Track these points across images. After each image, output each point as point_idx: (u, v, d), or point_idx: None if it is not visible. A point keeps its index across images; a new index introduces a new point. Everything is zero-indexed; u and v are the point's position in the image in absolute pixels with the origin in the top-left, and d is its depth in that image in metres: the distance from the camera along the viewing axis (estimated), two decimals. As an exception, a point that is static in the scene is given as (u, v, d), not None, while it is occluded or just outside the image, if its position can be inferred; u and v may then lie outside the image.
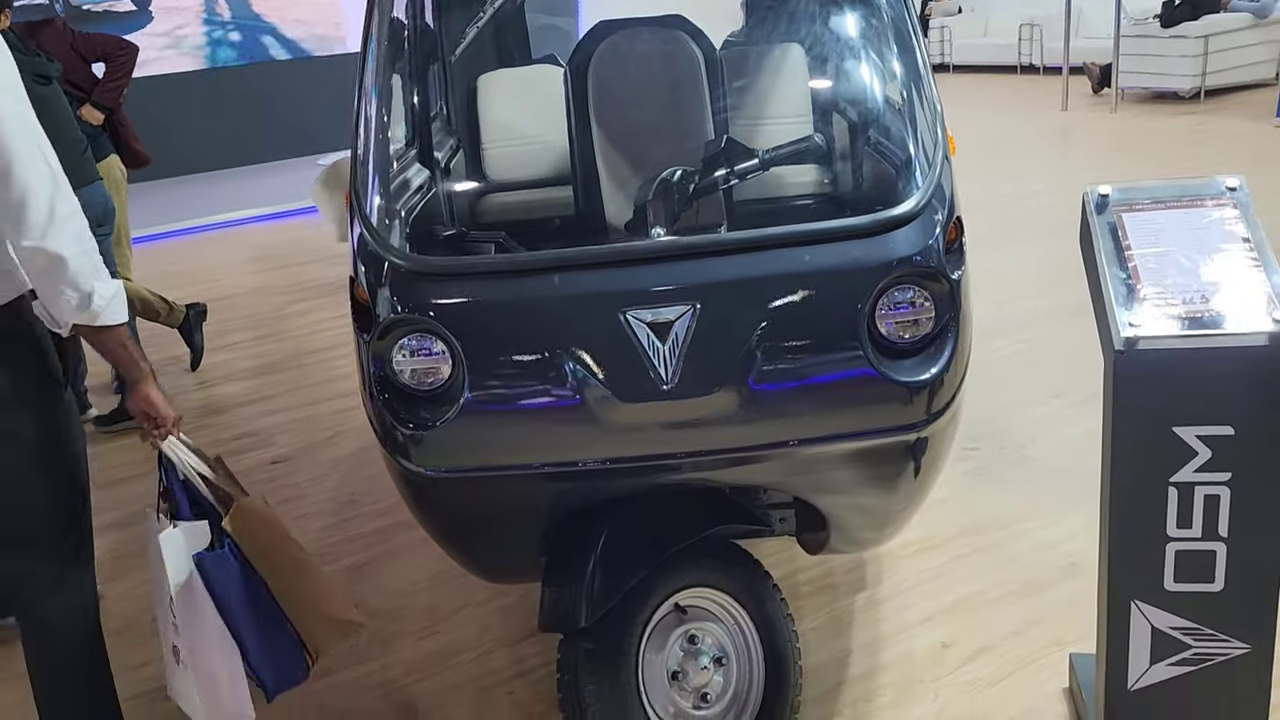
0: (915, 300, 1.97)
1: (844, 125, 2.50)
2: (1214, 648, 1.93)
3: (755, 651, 2.20)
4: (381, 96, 2.40)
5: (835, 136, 2.50)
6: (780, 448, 1.98)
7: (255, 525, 2.19)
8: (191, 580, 2.12)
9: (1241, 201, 1.93)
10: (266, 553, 2.19)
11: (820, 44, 2.72)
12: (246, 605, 2.14)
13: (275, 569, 2.19)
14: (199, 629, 2.12)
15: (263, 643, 2.16)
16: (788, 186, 2.50)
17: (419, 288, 1.98)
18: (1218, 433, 1.80)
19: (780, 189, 2.49)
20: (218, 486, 2.24)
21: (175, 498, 2.19)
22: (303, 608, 2.22)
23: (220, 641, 2.13)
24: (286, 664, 2.21)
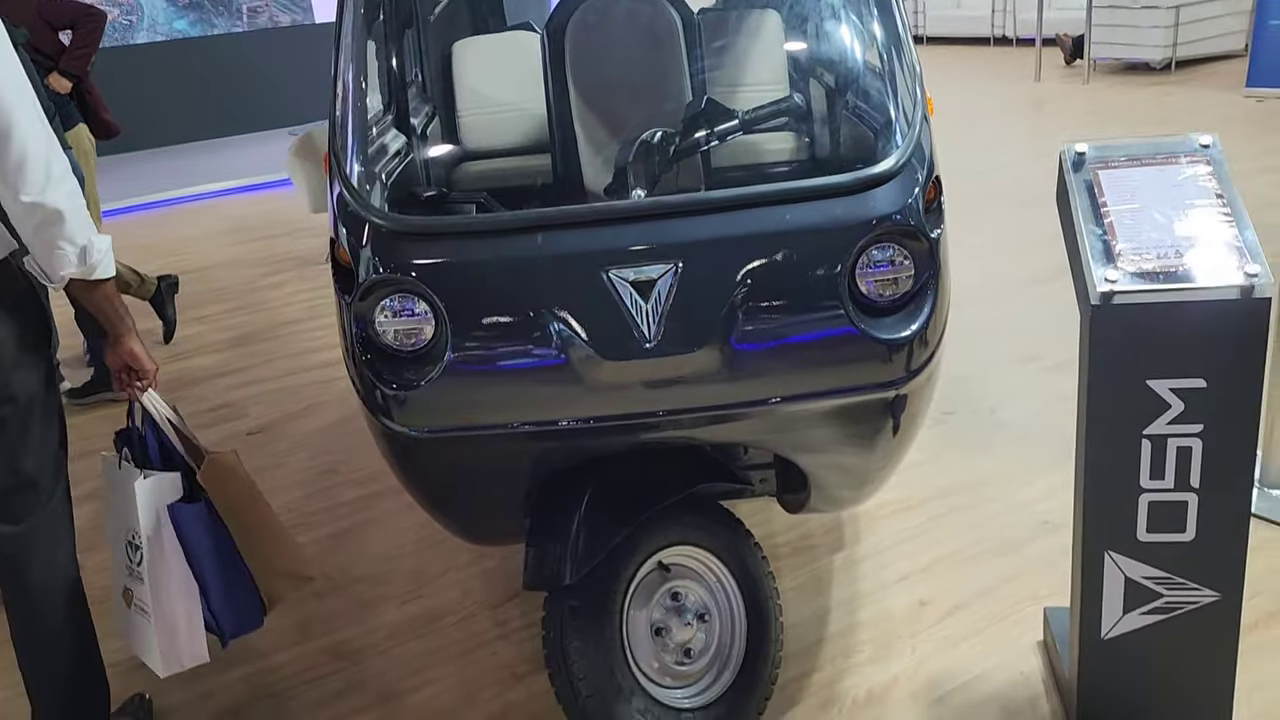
0: (895, 258, 1.99)
1: (824, 86, 2.51)
2: (1185, 596, 1.97)
3: (737, 608, 2.22)
4: (358, 59, 2.38)
5: (815, 97, 2.51)
6: (762, 405, 2.00)
7: (226, 478, 2.25)
8: (162, 529, 2.18)
9: (1215, 158, 1.96)
10: (234, 506, 2.25)
11: (800, 5, 2.72)
12: (213, 555, 2.22)
13: (241, 521, 2.26)
14: (163, 574, 2.19)
15: (225, 590, 2.25)
16: (769, 147, 2.51)
17: (401, 248, 1.98)
18: (1190, 385, 1.84)
19: (761, 150, 2.50)
20: (190, 439, 2.29)
21: (148, 448, 2.25)
22: (262, 559, 2.30)
23: (183, 587, 2.21)
24: (245, 612, 2.30)
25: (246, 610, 2.30)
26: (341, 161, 2.15)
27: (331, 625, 2.81)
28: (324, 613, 2.87)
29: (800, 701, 2.33)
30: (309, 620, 2.84)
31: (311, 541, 3.23)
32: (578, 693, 2.02)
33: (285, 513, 3.42)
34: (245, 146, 10.31)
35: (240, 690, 2.59)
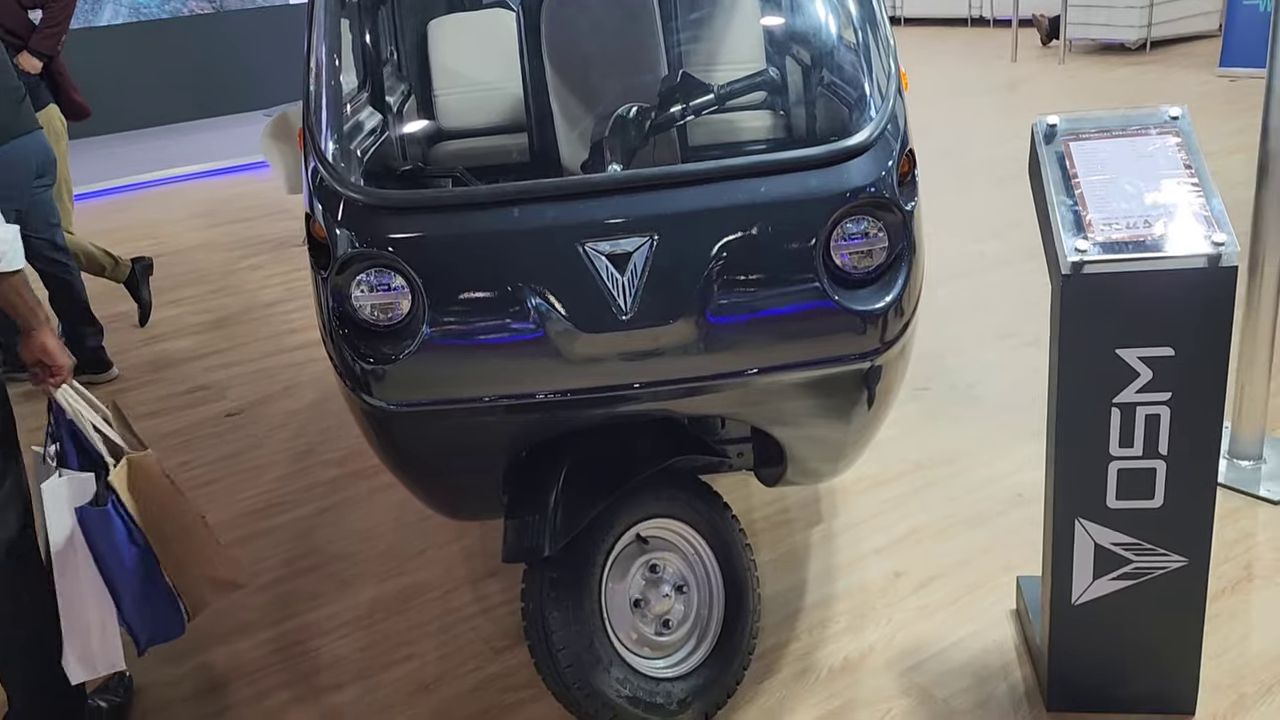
0: (869, 230, 2.01)
1: (799, 60, 2.52)
2: (1153, 562, 2.01)
3: (715, 580, 2.25)
4: (331, 36, 2.36)
5: (791, 71, 2.52)
6: (738, 377, 2.01)
7: (142, 480, 2.17)
8: (72, 533, 2.10)
9: (1184, 130, 1.99)
10: (151, 508, 2.18)
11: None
12: (125, 561, 2.13)
13: (159, 526, 2.19)
14: (74, 580, 2.11)
15: (139, 598, 2.16)
16: (745, 121, 2.51)
17: (376, 222, 1.98)
18: (1158, 354, 1.87)
19: (737, 123, 2.51)
20: (110, 439, 2.21)
21: (64, 447, 2.16)
22: (183, 566, 2.23)
23: (95, 594, 2.13)
24: (162, 619, 2.22)
25: (163, 618, 2.22)
26: (316, 137, 2.14)
27: (312, 603, 2.81)
28: (304, 590, 2.87)
29: (777, 671, 2.36)
30: (290, 598, 2.84)
31: (290, 521, 3.23)
32: (557, 663, 2.03)
33: (264, 493, 3.43)
34: (221, 129, 10.20)
35: (221, 668, 2.59)
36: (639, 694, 2.08)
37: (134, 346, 4.98)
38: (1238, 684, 2.19)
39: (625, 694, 2.06)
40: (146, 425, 4.06)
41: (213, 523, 3.24)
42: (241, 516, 3.30)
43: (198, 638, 2.70)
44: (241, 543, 3.14)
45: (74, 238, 4.85)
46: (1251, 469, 2.91)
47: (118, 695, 2.45)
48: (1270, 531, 2.68)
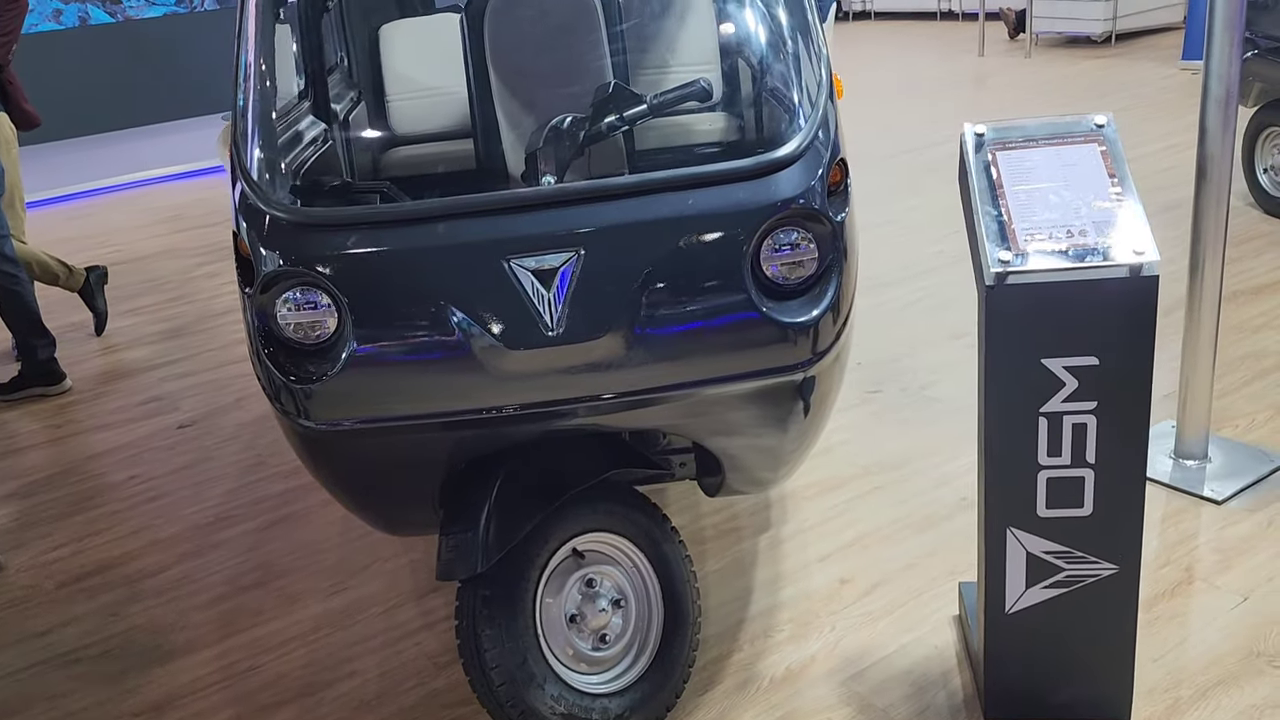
0: (799, 242, 2.00)
1: (732, 69, 2.50)
2: (1085, 569, 2.01)
3: (653, 593, 2.23)
4: (263, 45, 2.33)
5: (722, 80, 2.51)
6: (669, 391, 2.00)
7: None
8: None
9: (1109, 138, 1.99)
10: None
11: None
12: None
13: None
14: None
15: None
16: (678, 131, 2.50)
17: (300, 240, 1.95)
18: (1083, 363, 1.86)
19: (670, 133, 2.50)
20: None
21: None
22: None
23: None
24: None
25: None
26: (242, 153, 2.12)
27: (256, 619, 2.79)
28: (249, 607, 2.85)
29: (719, 682, 2.35)
30: (233, 614, 2.82)
31: (238, 535, 3.20)
32: (490, 682, 2.02)
33: (212, 507, 3.40)
34: (178, 132, 10.09)
35: (163, 687, 2.56)
36: (575, 711, 2.07)
37: (89, 357, 4.93)
38: (1174, 688, 2.20)
39: (561, 711, 2.05)
40: (99, 438, 4.03)
41: (161, 537, 3.25)
42: (189, 530, 3.27)
43: (134, 659, 2.68)
44: (189, 557, 3.11)
45: (26, 247, 4.79)
46: (1196, 468, 2.93)
47: None
48: (1212, 532, 2.69)
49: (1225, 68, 2.58)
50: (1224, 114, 2.62)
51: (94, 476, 3.72)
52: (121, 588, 3.01)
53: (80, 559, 3.18)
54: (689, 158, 2.40)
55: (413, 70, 3.43)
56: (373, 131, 3.52)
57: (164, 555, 3.15)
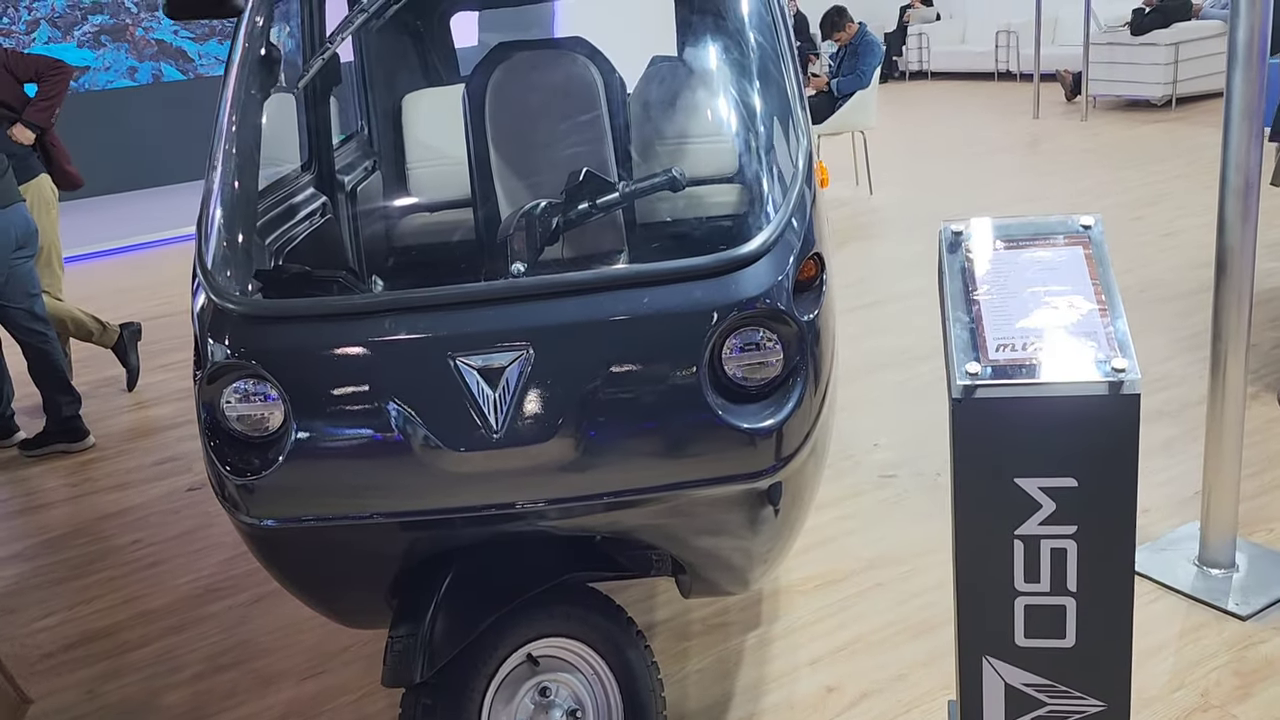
0: (763, 343, 1.90)
1: (709, 157, 2.43)
2: (1069, 705, 1.85)
3: (614, 703, 2.12)
4: (240, 125, 2.32)
5: (693, 170, 2.43)
6: (622, 496, 1.91)
7: None
8: None
9: (1095, 240, 1.86)
10: None
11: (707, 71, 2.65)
12: None
13: None
14: None
15: None
16: (650, 221, 2.43)
17: (245, 331, 1.91)
18: (1061, 484, 1.72)
19: (639, 225, 2.43)
20: None
21: None
22: None
23: None
24: None
25: None
26: (201, 239, 2.10)
27: (227, 702, 2.73)
28: (223, 688, 2.79)
29: (685, 800, 2.22)
30: (207, 696, 2.76)
31: (224, 610, 3.16)
32: (429, 800, 1.92)
33: (205, 577, 3.38)
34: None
35: (122, 774, 2.51)
36: (520, 834, 1.96)
37: (117, 413, 4.99)
38: (1176, 834, 2.01)
39: (504, 834, 1.94)
40: (112, 498, 4.05)
41: (150, 608, 3.22)
42: (180, 602, 3.24)
43: (102, 741, 2.64)
44: (173, 631, 3.08)
45: (61, 304, 4.89)
46: (1222, 578, 2.73)
47: None
48: (1234, 652, 2.49)
49: (1244, 157, 2.44)
50: (1244, 205, 2.47)
51: (100, 539, 3.73)
52: (103, 661, 2.98)
53: (68, 628, 3.16)
54: (661, 253, 2.32)
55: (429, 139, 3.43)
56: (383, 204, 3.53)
57: (150, 628, 3.11)
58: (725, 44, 2.31)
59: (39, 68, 4.91)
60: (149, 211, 9.58)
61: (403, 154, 3.45)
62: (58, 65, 4.96)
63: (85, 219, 8.49)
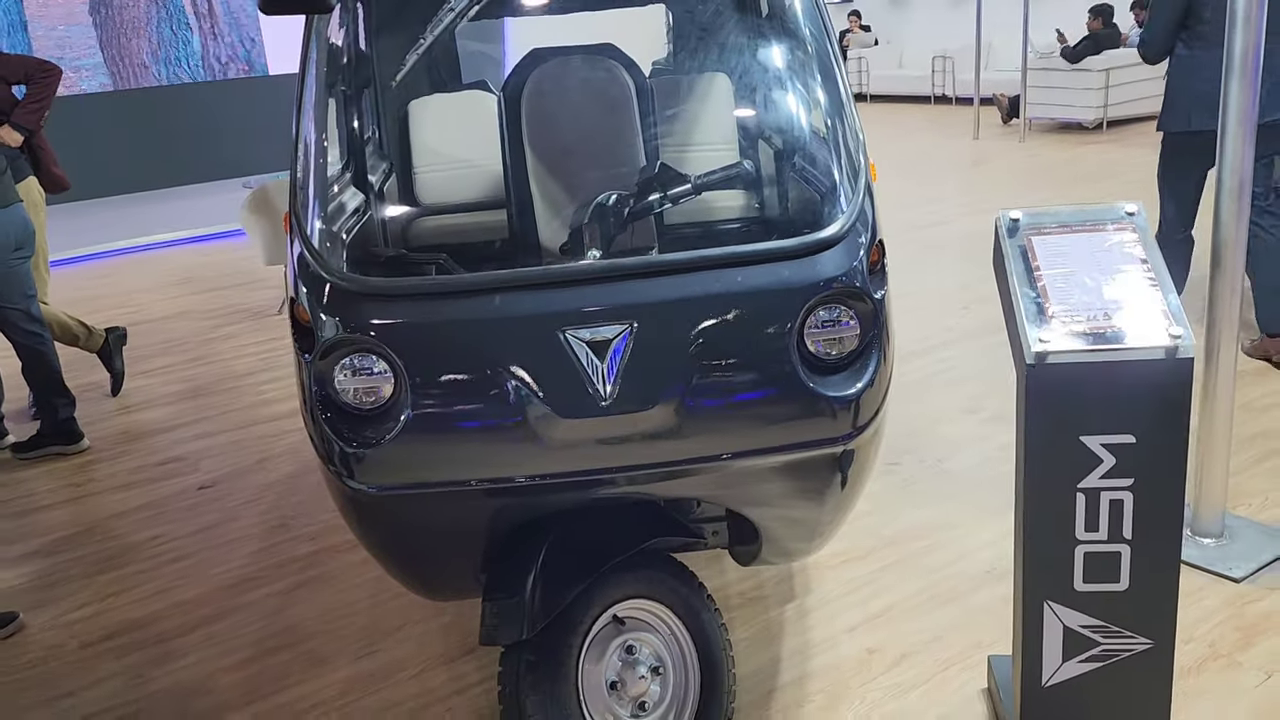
0: (841, 319, 2.08)
1: (773, 152, 2.61)
2: (1121, 644, 2.05)
3: (691, 660, 2.26)
4: (319, 120, 2.43)
5: (765, 162, 2.61)
6: (715, 461, 2.06)
7: None
8: None
9: (1140, 225, 2.08)
10: None
11: (749, 74, 2.83)
12: None
13: None
14: None
15: None
16: (719, 211, 2.59)
17: (361, 308, 2.02)
18: (1120, 441, 1.93)
19: (712, 214, 2.59)
20: None
21: None
22: None
23: None
24: None
25: None
26: (302, 221, 2.19)
27: (283, 683, 2.79)
28: (275, 670, 2.85)
29: (753, 752, 2.37)
30: (260, 679, 2.82)
31: (264, 597, 3.21)
32: (534, 748, 2.04)
33: (237, 568, 3.41)
34: (197, 196, 10.27)
35: (190, 751, 2.56)
36: (615, 778, 2.09)
37: (106, 417, 4.96)
38: (1206, 764, 2.23)
39: (601, 778, 2.07)
40: (119, 498, 4.05)
41: (185, 599, 3.26)
42: (214, 592, 3.28)
43: (163, 715, 2.68)
44: (214, 619, 3.12)
45: (48, 308, 4.85)
46: (1214, 547, 2.98)
47: None
48: (1233, 609, 2.73)
49: (1238, 161, 2.70)
50: (1237, 205, 2.73)
51: (116, 536, 3.73)
52: (146, 649, 3.01)
53: (104, 619, 3.18)
54: (738, 238, 2.49)
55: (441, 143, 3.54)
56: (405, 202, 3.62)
57: (188, 616, 3.15)
58: (789, 44, 2.49)
59: (28, 70, 4.89)
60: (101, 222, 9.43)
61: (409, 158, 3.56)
62: (47, 67, 4.94)
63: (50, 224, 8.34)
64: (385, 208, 3.28)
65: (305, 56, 2.53)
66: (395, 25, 3.23)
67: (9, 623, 3.12)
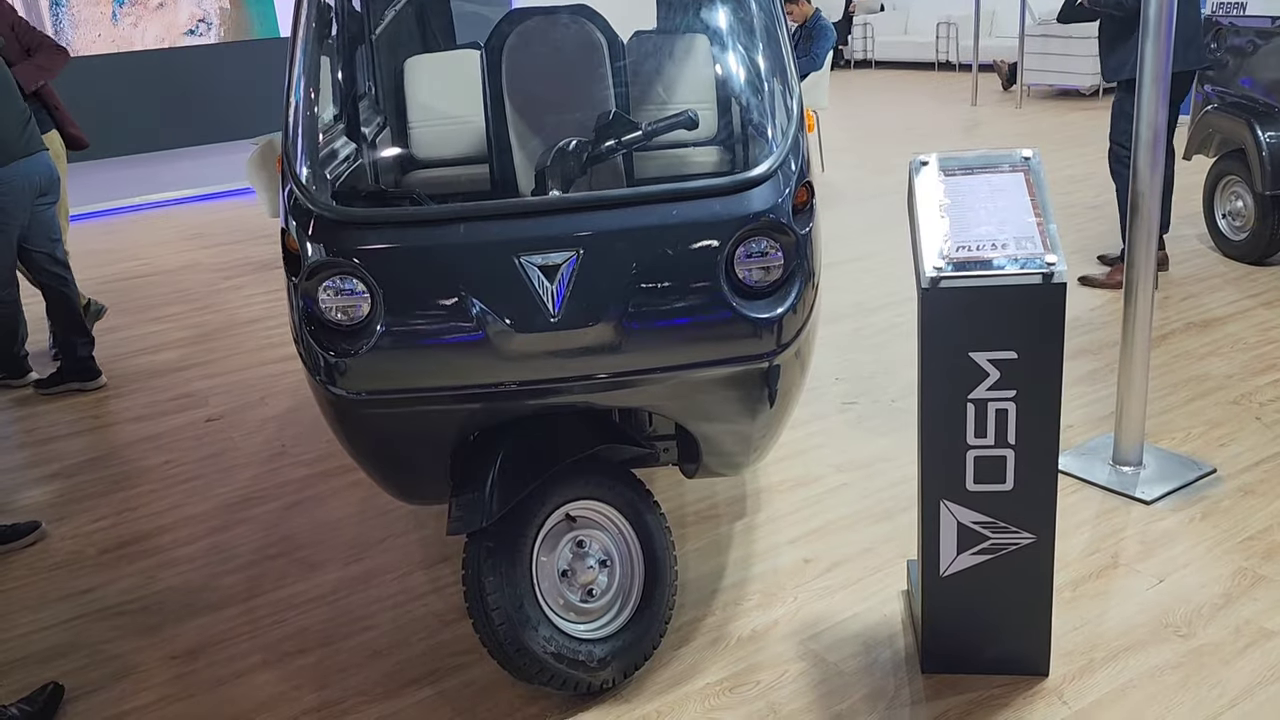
0: (767, 250, 2.34)
1: (719, 103, 2.86)
2: (1007, 538, 2.32)
3: (635, 556, 2.55)
4: (309, 72, 2.69)
5: (710, 112, 2.86)
6: (652, 373, 2.33)
7: None
8: None
9: (1034, 168, 2.33)
10: None
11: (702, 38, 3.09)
12: None
13: None
14: None
15: None
16: (670, 153, 2.86)
17: (341, 235, 2.30)
18: (1004, 357, 2.19)
19: (663, 155, 2.85)
20: None
21: None
22: None
23: None
24: None
25: None
26: (292, 162, 2.47)
27: (280, 582, 3.10)
28: (274, 572, 3.16)
29: (692, 640, 2.66)
30: (260, 579, 3.13)
31: (263, 513, 3.52)
32: (491, 621, 2.33)
33: (240, 489, 3.72)
34: (207, 156, 10.55)
35: (193, 638, 2.87)
36: (564, 651, 2.38)
37: (122, 358, 5.27)
38: (1090, 651, 2.50)
39: (551, 651, 2.36)
40: (133, 428, 4.36)
41: (193, 514, 3.57)
42: (219, 508, 3.59)
43: (169, 613, 2.99)
44: (218, 531, 3.43)
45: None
46: (1131, 474, 3.24)
47: (33, 705, 2.55)
48: (1139, 527, 3.00)
49: (1153, 115, 2.93)
50: (1152, 156, 2.96)
51: (129, 461, 4.05)
52: (157, 555, 3.32)
53: (119, 530, 3.50)
54: (680, 176, 2.74)
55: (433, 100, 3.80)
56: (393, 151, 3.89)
57: (195, 529, 3.47)
58: (729, 5, 2.74)
59: (40, 42, 5.08)
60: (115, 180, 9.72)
61: (405, 114, 3.82)
62: (59, 48, 5.13)
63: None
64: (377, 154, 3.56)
65: (297, 15, 2.79)
66: None
67: (32, 530, 3.44)
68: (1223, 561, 2.81)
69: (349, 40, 3.51)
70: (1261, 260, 5.15)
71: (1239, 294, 4.81)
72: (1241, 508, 3.06)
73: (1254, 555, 2.82)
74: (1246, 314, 4.55)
